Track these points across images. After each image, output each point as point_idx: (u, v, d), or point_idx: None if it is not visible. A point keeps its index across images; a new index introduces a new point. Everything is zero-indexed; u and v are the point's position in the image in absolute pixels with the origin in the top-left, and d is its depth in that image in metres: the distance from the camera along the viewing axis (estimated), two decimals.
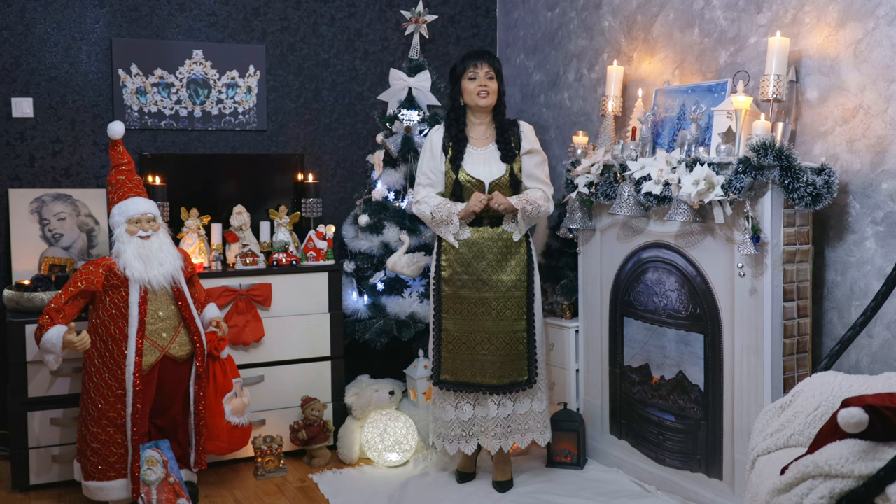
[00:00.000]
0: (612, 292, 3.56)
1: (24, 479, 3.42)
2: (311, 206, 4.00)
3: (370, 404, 3.75)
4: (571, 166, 3.64)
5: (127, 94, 4.03)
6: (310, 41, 4.40)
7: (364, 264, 4.07)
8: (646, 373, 3.41)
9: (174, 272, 3.19)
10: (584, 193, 3.53)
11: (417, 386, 3.90)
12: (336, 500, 3.32)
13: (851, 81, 2.89)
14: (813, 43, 3.01)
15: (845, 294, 2.95)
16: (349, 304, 4.03)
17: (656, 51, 3.71)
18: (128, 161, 3.31)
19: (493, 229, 3.33)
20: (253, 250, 3.79)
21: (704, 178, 2.92)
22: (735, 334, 3.01)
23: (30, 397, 3.40)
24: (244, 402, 3.37)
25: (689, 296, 3.20)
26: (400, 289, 4.00)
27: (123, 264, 3.11)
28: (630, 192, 3.28)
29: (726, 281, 3.03)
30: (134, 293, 3.11)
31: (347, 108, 4.50)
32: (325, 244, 3.92)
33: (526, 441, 3.41)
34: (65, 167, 3.96)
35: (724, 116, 3.08)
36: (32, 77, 3.88)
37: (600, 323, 3.64)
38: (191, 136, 4.18)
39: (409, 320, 3.94)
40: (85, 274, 3.12)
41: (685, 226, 3.14)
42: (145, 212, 3.18)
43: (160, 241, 3.19)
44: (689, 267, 3.18)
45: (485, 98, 3.31)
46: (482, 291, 3.32)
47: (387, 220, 4.04)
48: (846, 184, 2.92)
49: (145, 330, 3.12)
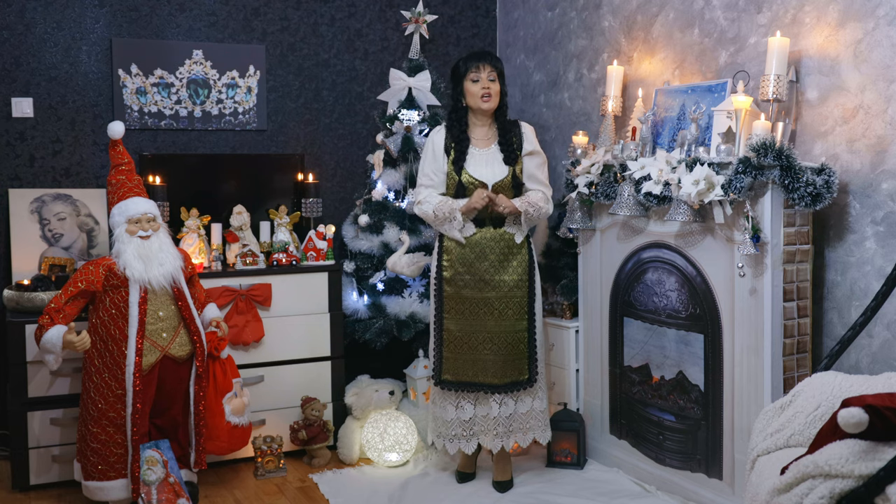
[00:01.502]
0: (612, 292, 3.56)
1: (24, 479, 3.41)
2: (311, 206, 4.01)
3: (370, 404, 3.75)
4: (571, 166, 3.64)
5: (127, 94, 4.03)
6: (310, 41, 4.40)
7: (364, 264, 4.07)
8: (646, 373, 3.41)
9: (174, 272, 3.19)
10: (584, 193, 3.53)
11: (417, 386, 3.90)
12: (336, 500, 3.33)
13: (851, 81, 2.89)
14: (813, 43, 3.01)
15: (845, 294, 2.95)
16: (349, 304, 4.03)
17: (656, 51, 3.71)
18: (128, 161, 3.30)
19: (495, 230, 3.33)
20: (253, 250, 3.80)
21: (704, 178, 2.92)
22: (735, 334, 3.01)
23: (30, 397, 3.40)
24: (244, 402, 3.37)
25: (689, 296, 3.20)
26: (400, 289, 4.01)
27: (123, 264, 3.11)
28: (630, 192, 3.28)
29: (726, 281, 3.03)
30: (134, 293, 3.11)
31: (347, 108, 4.50)
32: (325, 244, 3.93)
33: (527, 440, 3.41)
34: (65, 167, 3.96)
35: (724, 116, 3.08)
36: (32, 77, 3.88)
37: (600, 323, 3.64)
38: (191, 136, 4.18)
39: (410, 320, 3.94)
40: (85, 274, 3.12)
41: (685, 226, 3.14)
42: (145, 212, 3.19)
43: (160, 241, 3.19)
44: (689, 267, 3.18)
45: (488, 101, 3.30)
46: (484, 291, 3.32)
47: (387, 220, 4.04)
48: (846, 184, 2.92)
49: (145, 330, 3.12)
